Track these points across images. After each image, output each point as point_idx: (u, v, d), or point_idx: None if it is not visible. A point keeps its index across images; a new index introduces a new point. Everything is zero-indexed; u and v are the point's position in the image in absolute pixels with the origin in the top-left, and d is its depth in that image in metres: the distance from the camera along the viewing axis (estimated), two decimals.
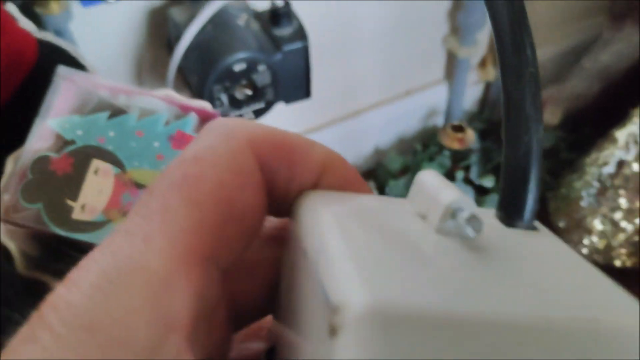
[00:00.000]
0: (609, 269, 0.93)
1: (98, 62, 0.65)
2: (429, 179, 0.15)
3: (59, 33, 0.62)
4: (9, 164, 0.49)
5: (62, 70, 0.48)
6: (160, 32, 0.73)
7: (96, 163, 0.47)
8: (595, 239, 1.05)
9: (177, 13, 0.65)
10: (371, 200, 0.16)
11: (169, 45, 0.70)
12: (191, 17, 0.63)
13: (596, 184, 1.05)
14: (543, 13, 1.12)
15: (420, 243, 0.14)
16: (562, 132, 1.17)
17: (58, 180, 0.46)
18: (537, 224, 0.16)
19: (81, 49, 0.63)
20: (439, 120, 1.19)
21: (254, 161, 0.14)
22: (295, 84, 0.67)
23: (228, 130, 0.14)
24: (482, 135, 1.14)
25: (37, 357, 0.11)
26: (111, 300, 0.11)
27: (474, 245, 0.14)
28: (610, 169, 1.03)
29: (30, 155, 0.46)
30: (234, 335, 0.17)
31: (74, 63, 0.57)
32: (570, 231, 1.08)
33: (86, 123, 0.47)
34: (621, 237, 1.03)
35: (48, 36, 0.56)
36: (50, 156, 0.46)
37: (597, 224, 1.05)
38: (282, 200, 0.16)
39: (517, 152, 0.15)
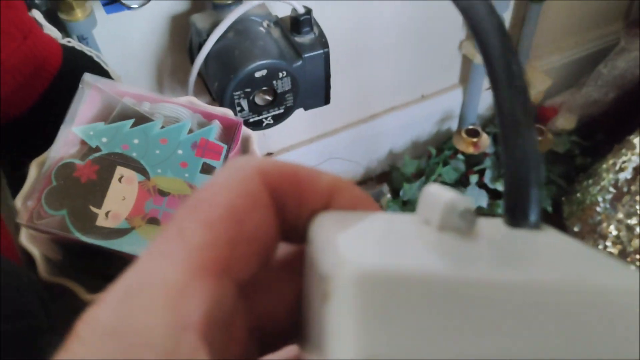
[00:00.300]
0: None
1: (120, 67, 0.66)
2: (434, 189, 0.16)
3: (82, 39, 0.62)
4: (33, 170, 0.49)
5: (87, 77, 0.48)
6: (181, 39, 0.73)
7: (120, 170, 0.47)
8: (609, 244, 1.05)
9: (199, 20, 0.65)
10: (380, 216, 0.17)
11: (191, 51, 0.70)
12: (213, 24, 0.63)
13: (612, 190, 1.04)
14: (559, 19, 1.12)
15: (418, 236, 0.15)
16: (577, 137, 1.17)
17: (82, 187, 0.46)
18: (543, 225, 0.16)
19: (104, 55, 0.63)
20: (454, 125, 1.19)
21: (262, 187, 0.16)
22: (314, 90, 0.67)
23: (239, 164, 0.16)
24: (497, 139, 1.14)
25: None
26: (132, 309, 0.13)
27: (473, 240, 0.14)
28: (627, 174, 1.03)
29: (55, 162, 0.46)
30: None
31: (98, 69, 0.57)
32: (584, 236, 1.08)
33: (111, 130, 0.47)
34: (636, 242, 1.03)
35: (72, 42, 0.57)
36: (75, 163, 0.46)
37: (612, 230, 1.05)
38: (295, 226, 0.17)
39: (514, 156, 0.15)
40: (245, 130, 0.53)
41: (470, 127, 1.05)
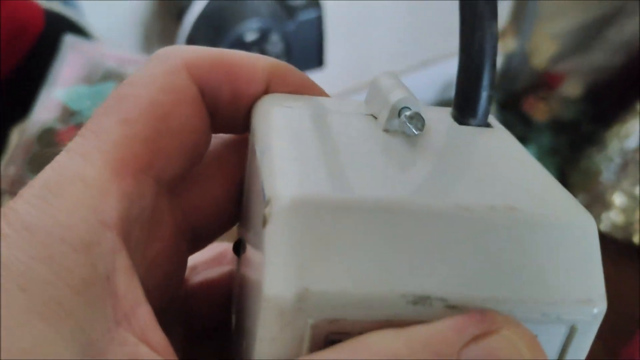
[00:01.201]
0: (626, 245, 0.92)
1: (106, 32, 0.64)
2: (384, 79, 0.16)
3: (66, 2, 0.61)
4: (14, 136, 0.48)
5: (69, 40, 0.47)
6: (169, 1, 0.71)
7: None
8: (613, 214, 1.04)
9: None
10: (324, 103, 0.16)
11: (179, 15, 0.68)
12: None
13: (618, 159, 1.02)
14: None
15: (364, 141, 0.14)
16: (583, 104, 1.15)
17: None
18: (492, 121, 0.16)
19: (88, 18, 0.62)
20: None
21: (188, 80, 0.15)
22: (308, 53, 0.65)
23: (164, 56, 0.15)
24: (502, 107, 1.12)
25: None
26: (50, 204, 0.12)
27: (417, 143, 0.14)
28: (632, 142, 1.01)
29: (36, 127, 0.45)
30: (199, 262, 0.19)
31: (82, 33, 0.55)
32: (589, 206, 1.07)
33: (94, 93, 0.45)
34: None
35: (55, 5, 0.55)
36: (57, 127, 0.45)
37: (617, 199, 1.03)
38: (232, 116, 0.16)
39: (471, 49, 0.15)
40: None
41: None
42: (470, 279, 0.12)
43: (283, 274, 0.11)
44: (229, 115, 0.16)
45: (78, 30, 0.57)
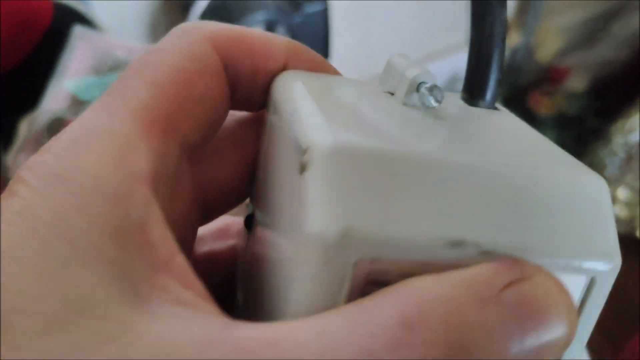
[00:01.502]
0: (629, 240, 0.92)
1: (113, 25, 0.64)
2: (398, 60, 0.16)
3: None
4: (24, 127, 0.49)
5: (78, 31, 0.47)
6: None
7: None
8: (617, 208, 1.04)
9: None
10: (342, 79, 0.17)
11: (185, 8, 0.68)
12: None
13: (622, 154, 1.02)
14: None
15: (387, 109, 0.15)
16: (588, 99, 1.14)
17: None
18: (498, 105, 0.17)
19: (96, 12, 0.62)
20: (461, 87, 1.17)
21: (212, 51, 0.15)
22: (314, 46, 0.65)
23: (187, 29, 0.15)
24: (507, 101, 1.12)
25: (15, 207, 0.11)
26: (81, 156, 0.12)
27: (436, 114, 0.15)
28: (636, 137, 1.01)
29: (46, 117, 0.45)
30: (204, 234, 0.20)
31: (89, 25, 0.56)
32: None
33: (103, 83, 0.46)
34: None
35: None
36: (66, 117, 0.45)
37: (621, 193, 1.03)
38: (250, 92, 0.16)
39: (482, 33, 0.15)
40: None
41: None
42: (502, 228, 0.12)
43: (327, 212, 0.11)
44: (247, 92, 0.16)
45: (86, 23, 0.57)
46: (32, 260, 0.11)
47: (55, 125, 0.47)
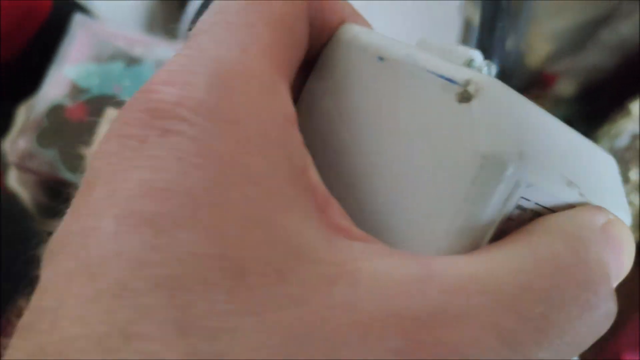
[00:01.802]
0: None
1: (111, 15, 0.65)
2: (432, 42, 0.17)
3: None
4: (21, 113, 0.49)
5: (78, 19, 0.48)
6: None
7: (111, 112, 0.47)
8: None
9: None
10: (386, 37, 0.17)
11: (183, 3, 0.69)
12: None
13: None
14: None
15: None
16: (576, 104, 1.16)
17: (73, 127, 0.46)
18: None
19: (94, 3, 0.62)
20: None
21: None
22: None
23: None
24: None
25: (190, 148, 0.11)
26: (235, 98, 0.11)
27: None
28: (622, 141, 1.02)
29: (46, 103, 0.46)
30: None
31: (88, 15, 0.56)
32: None
33: (102, 72, 0.46)
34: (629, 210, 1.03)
35: None
36: (66, 104, 0.46)
37: None
38: (313, 49, 0.16)
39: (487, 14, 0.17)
40: None
41: None
42: (586, 180, 0.14)
43: (503, 135, 0.12)
44: (311, 47, 0.16)
45: (85, 13, 0.57)
46: (242, 207, 0.10)
47: (55, 111, 0.48)
